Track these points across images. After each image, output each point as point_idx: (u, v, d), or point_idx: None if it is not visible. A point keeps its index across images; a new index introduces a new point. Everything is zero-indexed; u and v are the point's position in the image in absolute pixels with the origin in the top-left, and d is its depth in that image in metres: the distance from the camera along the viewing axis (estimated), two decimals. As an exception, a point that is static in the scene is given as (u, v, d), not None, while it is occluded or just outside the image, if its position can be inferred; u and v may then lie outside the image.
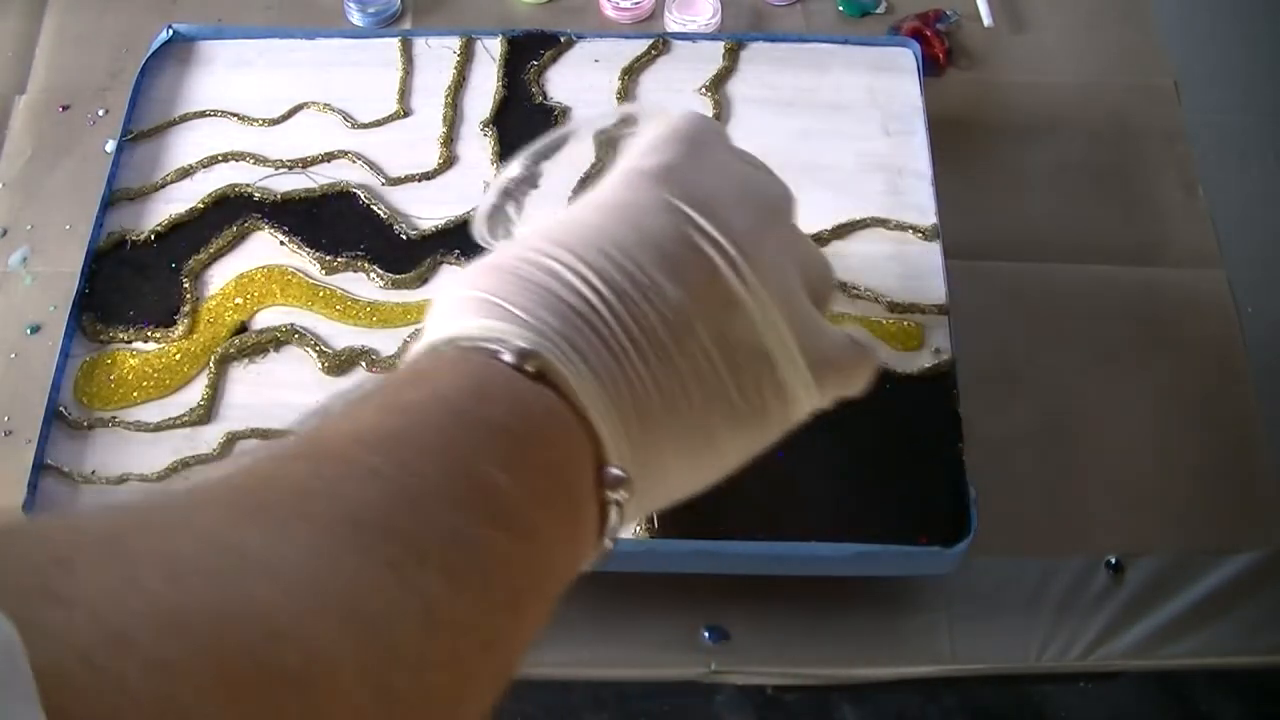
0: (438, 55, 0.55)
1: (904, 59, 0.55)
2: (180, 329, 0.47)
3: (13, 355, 0.52)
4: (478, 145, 0.53)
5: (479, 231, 0.37)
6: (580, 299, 0.27)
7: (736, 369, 0.29)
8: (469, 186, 0.51)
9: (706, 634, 0.48)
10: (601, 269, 0.28)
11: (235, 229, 0.50)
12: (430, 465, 0.24)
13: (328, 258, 0.49)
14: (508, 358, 0.26)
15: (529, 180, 0.37)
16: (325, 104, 0.54)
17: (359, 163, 0.52)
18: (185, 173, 0.52)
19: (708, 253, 0.29)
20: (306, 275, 0.49)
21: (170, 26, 0.56)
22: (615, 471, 0.27)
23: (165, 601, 0.18)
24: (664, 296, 0.28)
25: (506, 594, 0.24)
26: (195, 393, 0.46)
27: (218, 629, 0.18)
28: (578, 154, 0.39)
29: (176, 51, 0.56)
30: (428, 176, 0.52)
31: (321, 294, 0.48)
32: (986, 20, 0.64)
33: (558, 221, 0.29)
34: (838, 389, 0.34)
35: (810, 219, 0.50)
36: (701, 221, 0.29)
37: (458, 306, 0.28)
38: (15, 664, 0.14)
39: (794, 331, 0.31)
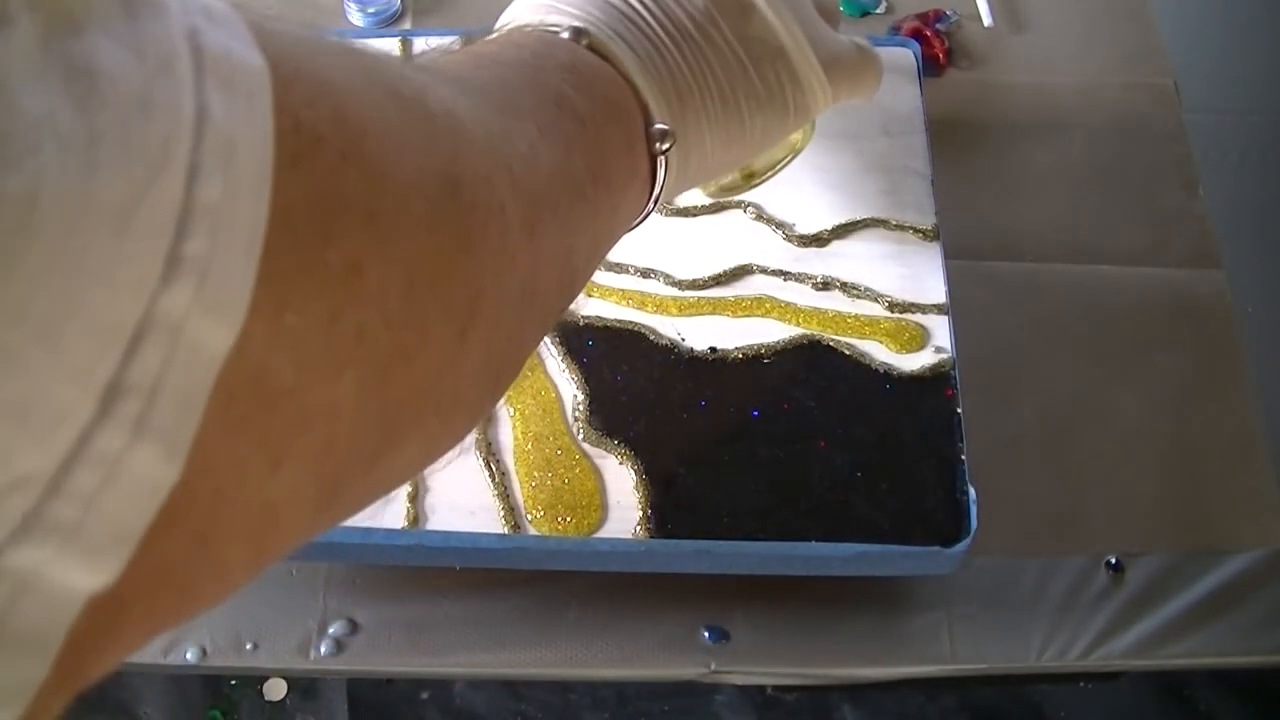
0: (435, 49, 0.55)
1: (904, 59, 0.55)
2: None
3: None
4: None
5: None
6: (624, 0, 0.33)
7: (756, 60, 0.35)
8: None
9: (706, 634, 0.48)
10: None
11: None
12: (512, 68, 0.29)
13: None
14: (565, 35, 0.32)
15: None
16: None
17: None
18: (185, 173, 0.52)
19: None
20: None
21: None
22: (661, 126, 0.32)
23: (337, 49, 0.21)
24: (691, 1, 0.34)
25: (584, 162, 0.29)
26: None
27: (375, 71, 0.22)
28: None
29: (176, 51, 0.56)
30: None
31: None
32: (986, 20, 0.64)
33: None
34: (848, 88, 0.40)
35: (810, 219, 0.50)
36: None
37: (518, 9, 0.34)
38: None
39: (804, 32, 0.36)
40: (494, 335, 0.24)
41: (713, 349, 0.47)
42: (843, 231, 0.50)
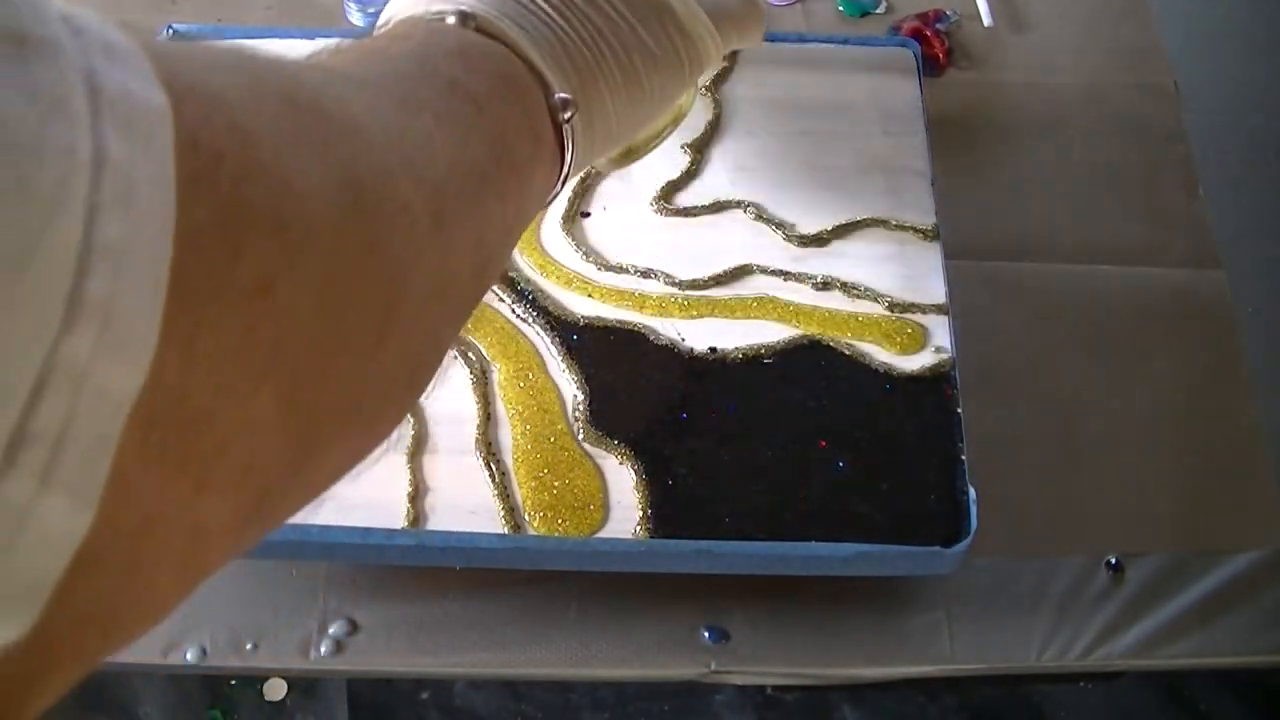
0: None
1: (904, 59, 0.55)
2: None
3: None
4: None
5: None
6: None
7: (644, 19, 0.36)
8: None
9: (706, 634, 0.48)
10: None
11: (235, 229, 0.50)
12: (402, 60, 0.29)
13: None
14: (451, 20, 0.32)
15: None
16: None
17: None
18: (185, 173, 0.52)
19: None
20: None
21: (170, 26, 0.56)
22: (562, 95, 0.32)
23: (229, 55, 0.21)
24: None
25: (485, 148, 0.29)
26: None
27: (269, 76, 0.22)
28: None
29: (176, 51, 0.56)
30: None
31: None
32: (986, 20, 0.64)
33: None
34: (736, 34, 0.41)
35: (810, 219, 0.50)
36: None
37: (399, 2, 0.34)
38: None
39: None
40: (411, 333, 0.24)
41: (713, 349, 0.47)
42: (843, 231, 0.50)
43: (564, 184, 0.34)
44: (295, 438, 0.20)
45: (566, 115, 0.32)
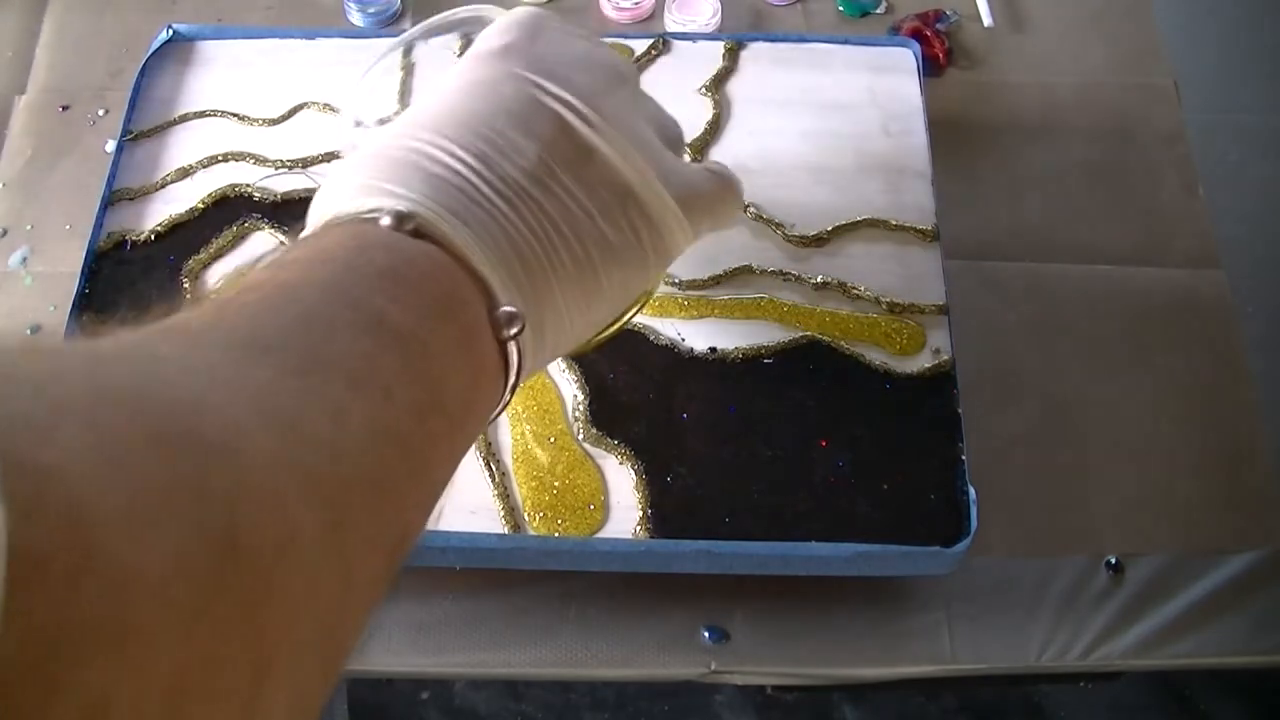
0: (438, 55, 0.55)
1: (904, 59, 0.55)
2: (180, 329, 0.47)
3: (13, 355, 0.52)
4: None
5: (353, 116, 0.40)
6: (446, 168, 0.30)
7: (604, 207, 0.32)
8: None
9: (706, 634, 0.48)
10: (460, 139, 0.30)
11: (235, 229, 0.50)
12: (318, 297, 0.25)
13: (328, 258, 0.49)
14: (386, 221, 0.28)
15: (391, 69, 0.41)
16: (325, 104, 0.54)
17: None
18: (185, 173, 0.52)
19: (554, 108, 0.32)
20: (306, 275, 0.49)
21: (170, 26, 0.56)
22: (507, 309, 0.29)
23: (94, 380, 0.19)
24: (521, 151, 0.31)
25: (409, 404, 0.25)
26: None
27: (140, 403, 0.19)
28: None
29: (176, 51, 0.56)
30: (428, 176, 0.52)
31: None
32: (986, 20, 0.64)
33: (418, 108, 0.32)
34: (708, 220, 0.37)
35: (810, 219, 0.50)
36: (544, 83, 0.32)
37: (333, 194, 0.30)
38: None
39: (652, 167, 0.33)
40: (296, 675, 0.21)
41: (713, 349, 0.47)
42: (843, 231, 0.50)
43: (506, 404, 0.31)
44: None
45: (511, 331, 0.29)
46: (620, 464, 0.44)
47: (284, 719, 0.20)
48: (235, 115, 0.54)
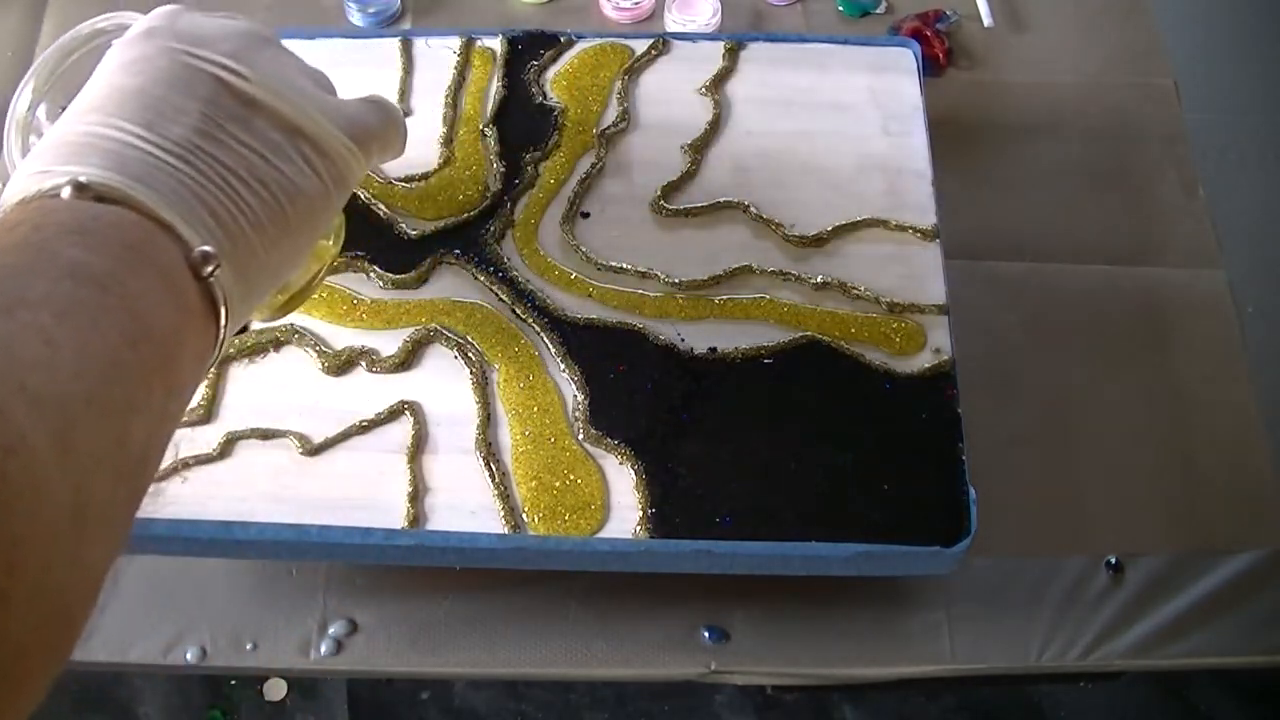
0: (437, 55, 0.55)
1: (904, 59, 0.55)
2: (180, 329, 0.47)
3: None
4: (478, 145, 0.53)
5: (11, 158, 0.42)
6: (117, 141, 0.32)
7: (276, 148, 0.34)
8: (470, 187, 0.51)
9: (706, 634, 0.48)
10: (124, 113, 0.32)
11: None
12: (13, 258, 0.27)
13: (328, 258, 0.49)
14: (66, 193, 0.30)
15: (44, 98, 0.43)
16: (325, 104, 0.54)
17: (359, 163, 0.52)
18: (185, 173, 0.52)
19: (208, 69, 0.34)
20: (306, 275, 0.49)
21: (170, 26, 0.56)
22: (203, 249, 0.31)
23: None
24: (185, 111, 0.33)
25: (116, 330, 0.27)
26: (195, 393, 0.46)
27: None
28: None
29: (176, 51, 0.56)
30: (427, 176, 0.52)
31: (322, 294, 0.48)
32: (986, 20, 0.64)
33: (83, 95, 0.34)
34: (376, 145, 0.39)
35: (810, 219, 0.50)
36: (195, 49, 0.35)
37: (14, 184, 0.32)
38: None
39: (314, 107, 0.36)
40: (45, 578, 0.22)
41: (713, 349, 0.47)
42: (843, 231, 0.50)
43: (224, 343, 0.33)
44: None
45: (210, 269, 0.30)
46: (620, 464, 0.44)
47: (39, 613, 0.22)
48: (235, 115, 0.54)
